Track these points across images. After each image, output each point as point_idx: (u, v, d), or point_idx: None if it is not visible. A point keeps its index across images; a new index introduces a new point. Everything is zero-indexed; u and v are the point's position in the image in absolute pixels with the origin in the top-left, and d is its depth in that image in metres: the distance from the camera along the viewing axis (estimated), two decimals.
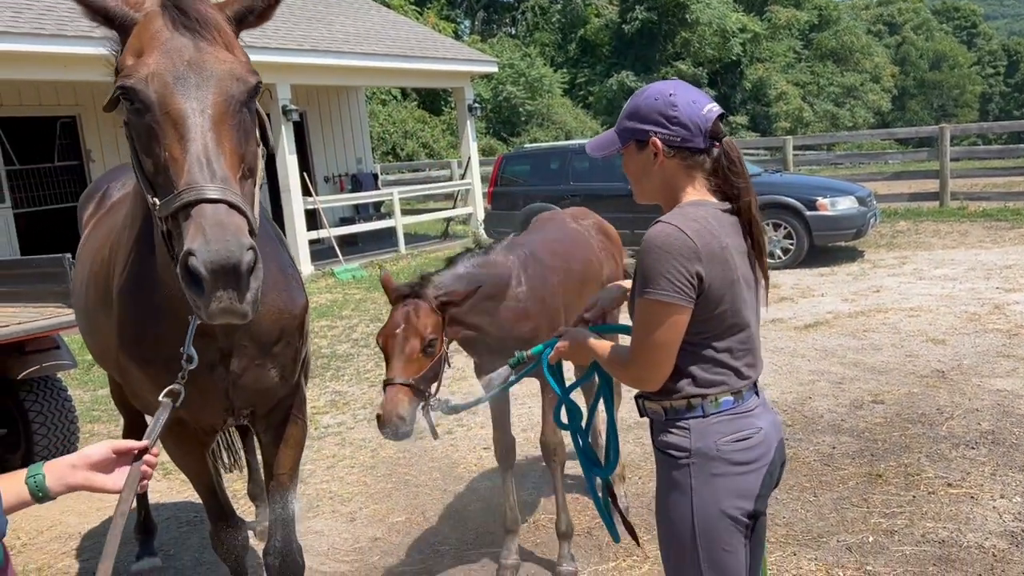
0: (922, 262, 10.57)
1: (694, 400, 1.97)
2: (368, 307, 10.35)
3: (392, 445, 5.52)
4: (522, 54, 32.10)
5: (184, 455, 2.84)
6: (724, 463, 1.95)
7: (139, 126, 1.93)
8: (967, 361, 6.26)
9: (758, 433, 1.99)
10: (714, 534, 1.95)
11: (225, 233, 1.73)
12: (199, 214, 1.75)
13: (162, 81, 1.89)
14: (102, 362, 3.32)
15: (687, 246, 1.87)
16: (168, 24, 1.95)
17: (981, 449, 4.66)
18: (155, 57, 1.91)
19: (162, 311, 2.42)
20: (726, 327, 1.96)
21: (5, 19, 9.36)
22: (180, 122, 1.86)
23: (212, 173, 1.80)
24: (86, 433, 6.12)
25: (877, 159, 19.24)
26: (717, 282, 1.90)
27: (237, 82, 1.97)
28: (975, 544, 3.65)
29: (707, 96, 2.02)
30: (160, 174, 1.89)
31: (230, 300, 1.75)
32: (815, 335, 7.42)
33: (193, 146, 1.83)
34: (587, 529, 4.09)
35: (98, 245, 3.02)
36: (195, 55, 1.93)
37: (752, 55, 37.66)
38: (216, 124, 1.89)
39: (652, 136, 1.98)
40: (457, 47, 17.55)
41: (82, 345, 7.70)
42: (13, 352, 4.93)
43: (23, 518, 4.83)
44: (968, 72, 51.30)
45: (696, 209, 1.95)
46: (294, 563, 2.88)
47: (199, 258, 1.71)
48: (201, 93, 1.90)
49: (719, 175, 2.00)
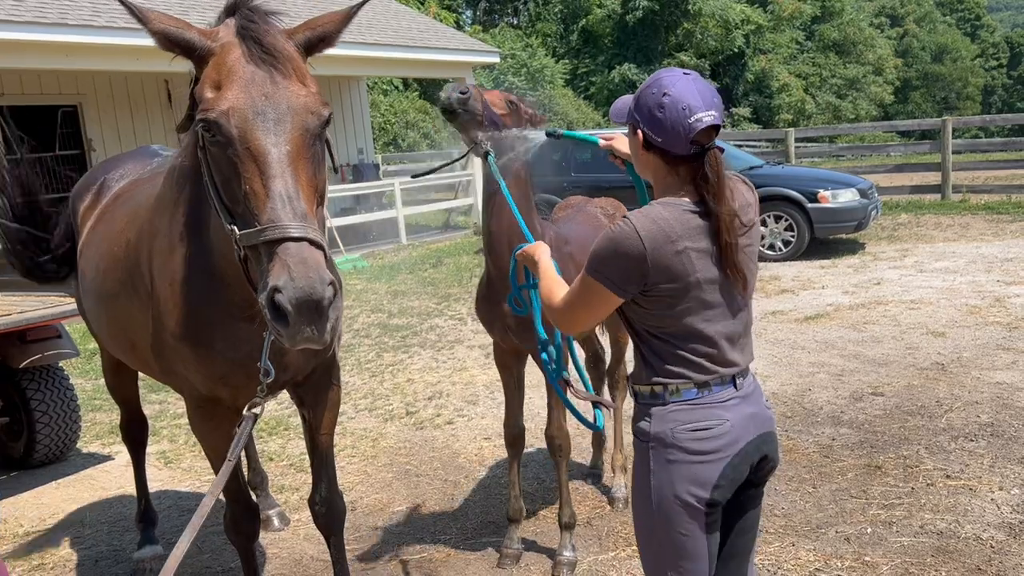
0: (923, 255, 10.57)
1: (657, 388, 2.06)
2: (369, 297, 10.36)
3: (392, 435, 5.54)
4: (524, 44, 31.99)
5: (212, 432, 2.89)
6: (679, 451, 2.02)
7: (219, 157, 2.04)
8: (967, 354, 6.27)
9: (721, 425, 2.03)
10: (670, 516, 2.04)
11: (308, 271, 1.86)
12: (284, 252, 1.87)
13: (242, 116, 1.98)
14: (113, 345, 3.36)
15: (636, 249, 1.93)
16: (245, 56, 2.05)
17: (980, 441, 4.67)
18: (235, 92, 2.00)
19: (216, 294, 2.52)
20: (687, 324, 2.02)
21: (7, 7, 9.34)
22: (261, 158, 1.95)
23: (294, 211, 1.91)
24: (87, 422, 6.14)
25: (879, 151, 19.17)
26: (668, 284, 1.97)
27: (312, 115, 2.06)
28: (973, 536, 3.66)
29: (710, 101, 1.97)
30: (239, 204, 2.00)
31: (312, 331, 1.88)
32: (815, 327, 7.43)
33: (274, 183, 1.94)
34: (587, 519, 4.11)
35: (116, 232, 3.11)
36: (272, 90, 2.02)
37: (755, 46, 37.53)
38: (294, 159, 1.99)
39: (639, 128, 2.04)
40: (459, 37, 17.50)
41: (83, 334, 7.73)
42: (15, 341, 4.95)
43: (25, 507, 4.86)
44: (971, 64, 51.07)
45: (663, 209, 1.99)
46: (338, 508, 3.14)
47: (285, 295, 1.84)
48: (280, 128, 1.99)
49: (696, 184, 2.00)
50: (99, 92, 12.79)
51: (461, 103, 3.02)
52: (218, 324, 2.55)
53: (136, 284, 2.81)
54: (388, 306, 9.81)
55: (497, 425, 5.56)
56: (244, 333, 2.55)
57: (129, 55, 10.48)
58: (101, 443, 5.90)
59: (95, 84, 12.67)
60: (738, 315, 2.08)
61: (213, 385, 2.69)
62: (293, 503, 4.56)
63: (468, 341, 7.94)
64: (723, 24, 34.49)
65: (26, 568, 4.07)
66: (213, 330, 2.57)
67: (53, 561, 4.16)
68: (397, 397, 6.39)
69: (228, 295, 2.50)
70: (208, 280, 2.52)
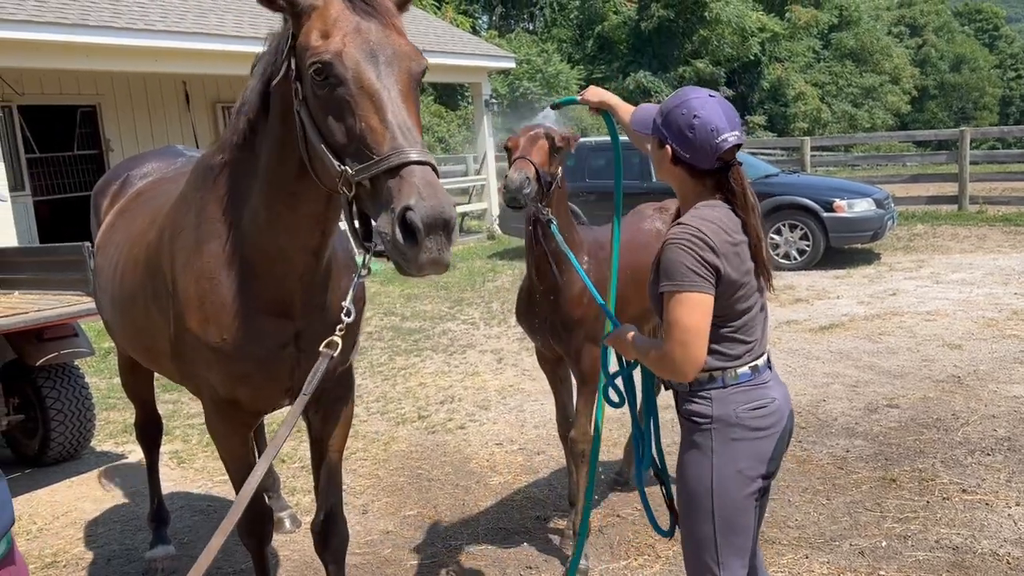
0: (939, 266, 10.50)
1: (715, 373, 2.23)
2: (383, 300, 10.38)
3: (404, 439, 5.54)
4: (539, 50, 32.00)
5: (230, 435, 2.90)
6: (742, 428, 2.22)
7: (329, 99, 2.09)
8: (984, 367, 6.22)
9: (772, 403, 2.26)
10: (729, 493, 2.21)
11: (436, 191, 1.93)
12: (409, 175, 1.94)
13: (354, 58, 2.06)
14: (130, 346, 3.36)
15: (702, 241, 2.13)
16: (348, 8, 2.14)
17: (997, 456, 4.63)
18: (345, 37, 2.09)
19: (244, 288, 2.56)
20: (743, 310, 2.23)
21: (29, 8, 9.42)
22: (376, 95, 2.04)
23: (412, 139, 2.00)
24: (102, 420, 6.17)
25: (895, 161, 19.10)
26: (733, 274, 2.16)
27: (414, 63, 2.17)
28: (989, 551, 3.62)
29: (733, 122, 2.19)
30: (353, 143, 2.06)
31: (439, 251, 1.93)
32: (830, 337, 7.38)
33: (392, 116, 2.02)
34: (599, 527, 4.09)
35: (136, 233, 3.11)
36: (379, 36, 2.12)
37: (771, 54, 37.42)
38: (404, 99, 2.08)
39: (668, 143, 2.24)
40: (475, 42, 17.53)
41: (98, 333, 7.78)
42: (32, 339, 4.98)
43: (39, 504, 4.89)
44: (989, 74, 50.75)
45: (711, 210, 2.21)
46: (342, 535, 3.06)
47: (417, 213, 1.89)
48: (390, 70, 2.09)
49: (722, 193, 2.24)
50: (117, 93, 12.88)
51: (526, 196, 3.23)
52: (243, 320, 2.57)
53: (156, 287, 2.82)
54: (401, 309, 9.82)
55: (509, 430, 5.55)
56: (268, 328, 2.58)
57: (148, 56, 10.57)
58: (115, 442, 5.93)
59: (114, 85, 12.76)
60: (764, 306, 2.32)
61: (233, 386, 2.69)
62: (305, 505, 4.57)
63: (480, 346, 7.93)
64: (739, 32, 34.40)
65: (39, 566, 4.09)
66: (237, 326, 2.58)
67: (66, 559, 4.18)
68: (409, 401, 6.40)
69: (257, 289, 2.54)
70: (237, 274, 2.55)
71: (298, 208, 2.41)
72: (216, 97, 13.90)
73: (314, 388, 2.20)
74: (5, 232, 9.15)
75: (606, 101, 2.86)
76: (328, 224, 2.51)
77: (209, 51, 10.99)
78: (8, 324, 4.57)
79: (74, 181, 13.22)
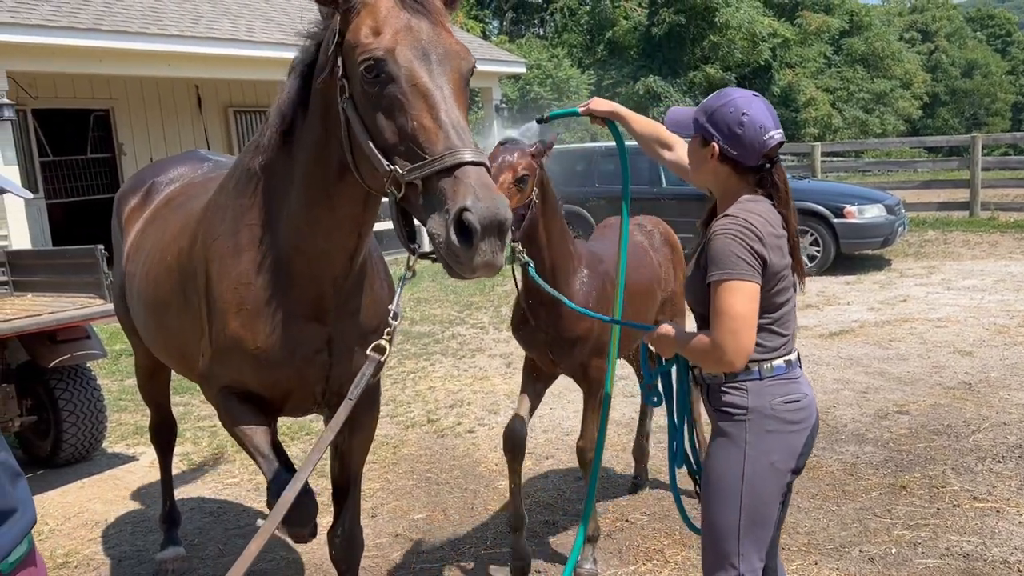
0: (950, 272, 10.45)
1: (751, 364, 2.25)
2: None
3: (413, 442, 5.55)
4: (550, 55, 32.03)
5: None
6: (777, 421, 2.25)
7: (379, 96, 2.06)
8: (995, 374, 6.19)
9: (805, 398, 2.30)
10: (760, 484, 2.24)
11: (492, 193, 1.91)
12: (464, 175, 1.91)
13: (407, 56, 2.04)
14: (162, 352, 3.32)
15: (752, 232, 2.18)
16: (399, 5, 2.12)
17: (1008, 463, 4.60)
18: (397, 34, 2.06)
19: (282, 292, 2.54)
20: (781, 303, 2.28)
21: (43, 12, 9.51)
22: (429, 94, 2.01)
23: (466, 140, 1.98)
24: (113, 423, 6.20)
25: (906, 167, 18.99)
26: (776, 266, 2.22)
27: (464, 62, 2.15)
28: (1000, 559, 3.61)
29: (776, 121, 2.26)
30: (403, 142, 2.02)
31: (492, 254, 1.91)
32: (840, 343, 7.36)
33: (446, 116, 2.00)
34: (608, 532, 4.09)
35: (168, 239, 3.08)
36: (430, 34, 2.10)
37: (782, 60, 37.35)
38: (456, 98, 2.06)
39: (714, 141, 2.27)
40: (486, 47, 17.59)
41: (111, 335, 7.82)
42: (45, 341, 5.02)
43: (51, 505, 4.92)
44: (1001, 80, 50.50)
45: (755, 204, 2.26)
46: (358, 543, 3.04)
47: (474, 214, 1.86)
48: (442, 68, 2.07)
49: (764, 190, 2.30)
50: (131, 97, 12.98)
51: None
52: (279, 324, 2.55)
53: (189, 294, 2.79)
54: (410, 313, 9.85)
55: None
56: (304, 334, 2.56)
57: (161, 61, 10.64)
58: (126, 444, 5.96)
59: (127, 89, 12.85)
60: (795, 302, 2.36)
61: (264, 391, 2.68)
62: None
63: (490, 350, 7.94)
64: (750, 37, 34.34)
65: (50, 567, 4.12)
66: (274, 331, 2.56)
67: (77, 560, 4.21)
68: (418, 404, 6.41)
69: (295, 293, 2.52)
70: (275, 279, 2.53)
71: (336, 210, 2.39)
72: (228, 101, 13.98)
73: (359, 393, 2.17)
74: (19, 234, 9.23)
75: (616, 112, 2.86)
76: (365, 226, 2.48)
77: (221, 56, 11.08)
78: (22, 326, 4.61)
79: (87, 184, 13.32)
